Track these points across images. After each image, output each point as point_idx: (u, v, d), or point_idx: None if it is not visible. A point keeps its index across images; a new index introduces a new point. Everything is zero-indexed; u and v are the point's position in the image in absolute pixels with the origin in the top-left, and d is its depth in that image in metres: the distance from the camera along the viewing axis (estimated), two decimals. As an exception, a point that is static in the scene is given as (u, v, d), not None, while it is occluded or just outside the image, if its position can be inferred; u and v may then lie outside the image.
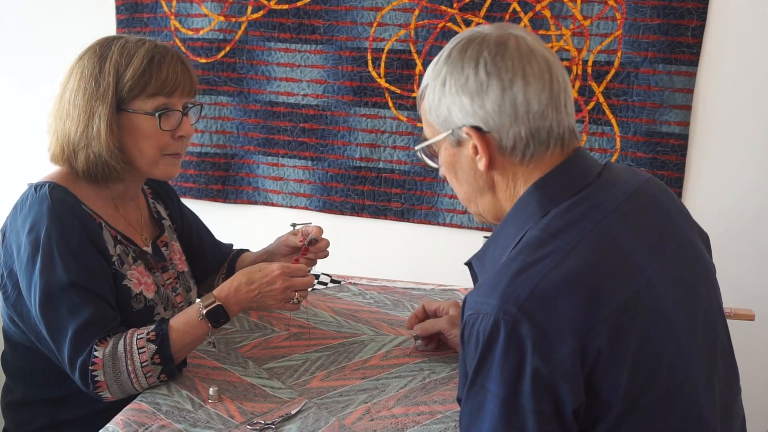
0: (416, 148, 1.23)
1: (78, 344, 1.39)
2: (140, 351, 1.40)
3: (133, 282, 1.51)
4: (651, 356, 1.03)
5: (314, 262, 1.69)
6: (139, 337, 1.41)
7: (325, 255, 1.68)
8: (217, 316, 1.45)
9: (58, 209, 1.42)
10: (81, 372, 1.39)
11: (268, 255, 1.77)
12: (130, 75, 1.46)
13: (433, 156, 1.20)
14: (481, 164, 1.11)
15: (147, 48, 1.48)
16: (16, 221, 1.46)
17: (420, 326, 1.55)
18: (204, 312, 1.44)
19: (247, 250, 1.88)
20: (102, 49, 1.49)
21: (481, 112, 1.08)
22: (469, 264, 1.19)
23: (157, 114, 1.48)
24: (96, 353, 1.38)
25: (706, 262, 1.19)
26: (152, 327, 1.43)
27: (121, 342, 1.40)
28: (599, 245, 1.04)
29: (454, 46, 1.12)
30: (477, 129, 1.10)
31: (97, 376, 1.38)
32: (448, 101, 1.11)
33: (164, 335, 1.41)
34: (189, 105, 1.55)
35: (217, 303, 1.45)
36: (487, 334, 0.98)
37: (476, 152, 1.11)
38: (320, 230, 1.67)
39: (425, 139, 1.20)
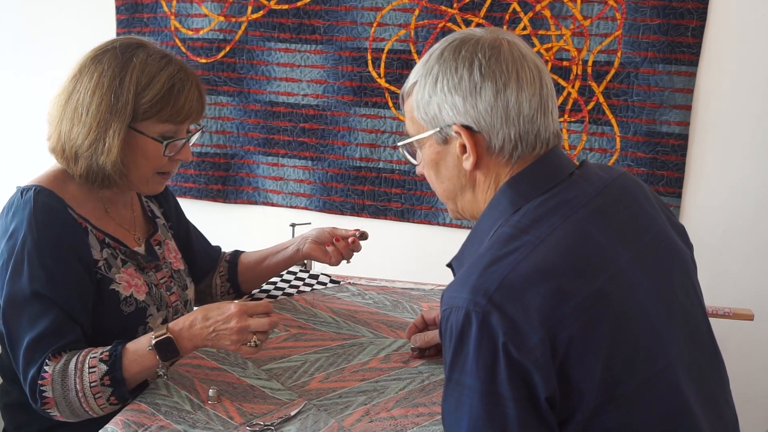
0: (399, 144, 1.28)
1: (30, 356, 1.37)
2: (90, 370, 1.36)
3: (122, 285, 1.50)
4: (627, 345, 1.04)
5: (342, 256, 1.78)
6: (92, 356, 1.37)
7: (354, 250, 1.81)
8: (166, 350, 1.37)
9: (39, 215, 1.40)
10: (30, 386, 1.37)
11: (298, 252, 1.78)
12: (149, 98, 1.43)
13: (414, 153, 1.23)
14: (468, 163, 1.14)
15: (170, 73, 1.45)
16: (0, 226, 1.45)
17: (419, 337, 1.54)
18: (153, 342, 1.37)
19: (243, 252, 1.88)
20: (124, 55, 1.45)
21: (473, 112, 1.12)
22: (450, 266, 1.22)
23: (164, 142, 1.47)
24: (46, 368, 1.36)
25: (682, 252, 1.20)
26: (108, 347, 1.39)
27: (74, 359, 1.37)
28: (569, 238, 1.06)
29: (447, 45, 1.15)
30: (467, 128, 1.12)
31: (45, 392, 1.36)
32: (438, 99, 1.14)
33: (117, 357, 1.37)
34: (194, 127, 1.54)
35: (167, 335, 1.38)
36: (460, 326, 1.01)
37: (464, 151, 1.14)
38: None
39: (408, 136, 1.23)
